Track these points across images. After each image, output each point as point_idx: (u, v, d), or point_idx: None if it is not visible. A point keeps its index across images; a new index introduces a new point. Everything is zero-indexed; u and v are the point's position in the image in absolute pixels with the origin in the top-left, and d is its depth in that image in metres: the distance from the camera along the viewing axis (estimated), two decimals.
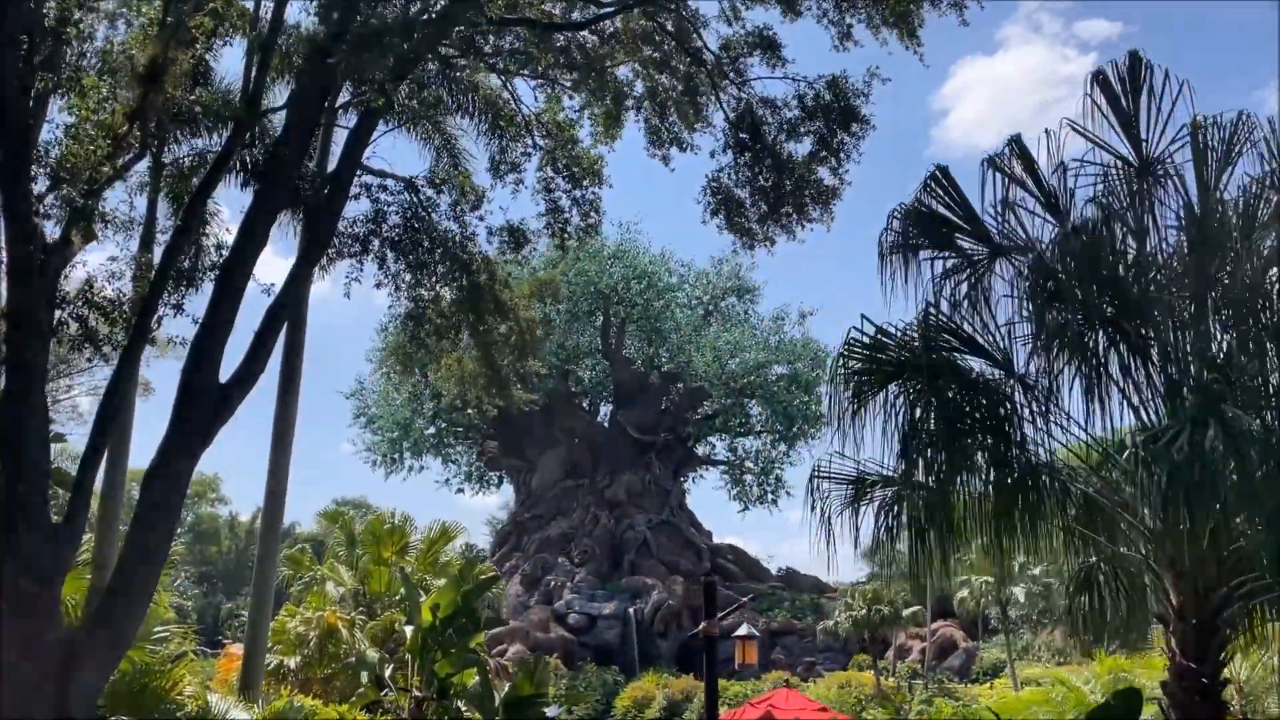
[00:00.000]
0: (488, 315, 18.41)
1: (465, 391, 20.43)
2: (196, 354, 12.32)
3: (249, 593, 68.19)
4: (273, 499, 18.26)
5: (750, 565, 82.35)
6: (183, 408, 12.13)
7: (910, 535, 10.48)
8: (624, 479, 79.70)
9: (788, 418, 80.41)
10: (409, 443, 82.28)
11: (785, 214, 17.39)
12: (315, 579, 22.08)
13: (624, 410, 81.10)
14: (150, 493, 11.74)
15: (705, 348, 78.81)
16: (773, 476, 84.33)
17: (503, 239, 18.33)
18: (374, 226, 16.20)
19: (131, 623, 11.35)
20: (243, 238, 12.77)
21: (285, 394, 18.83)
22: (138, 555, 11.53)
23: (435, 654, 16.33)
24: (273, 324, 12.98)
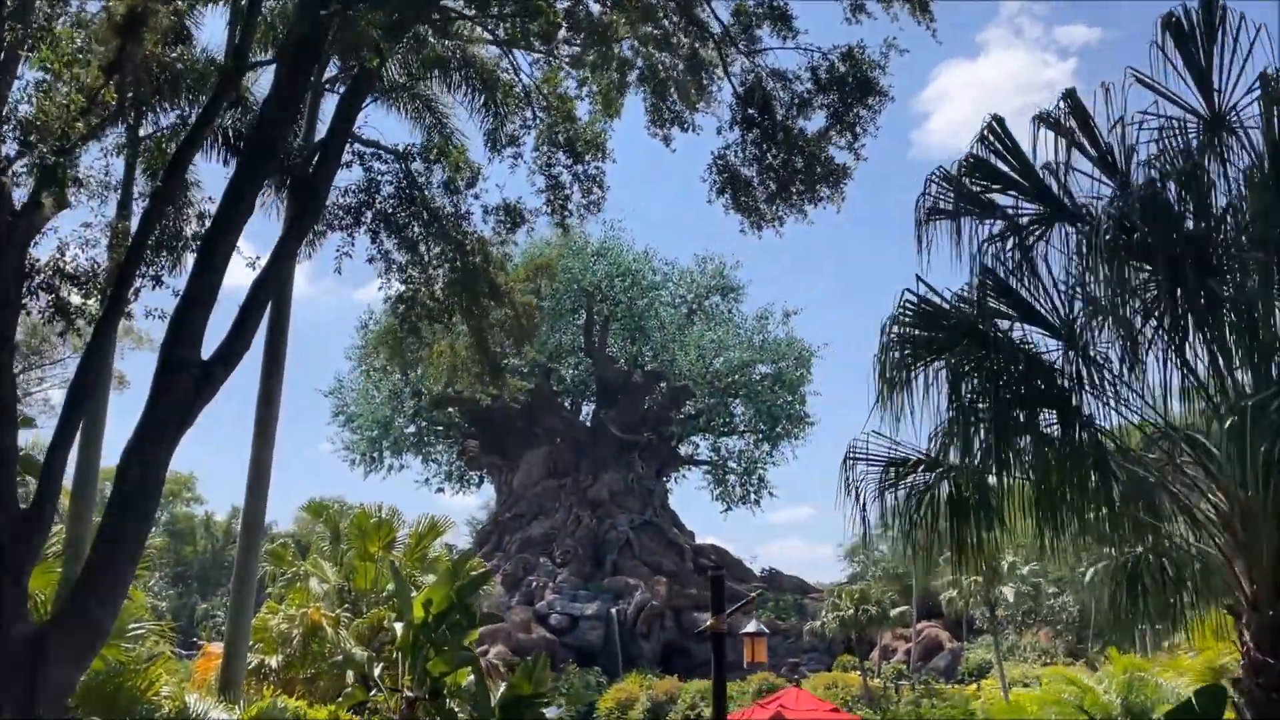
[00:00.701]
0: (483, 298, 17.56)
1: (457, 380, 19.57)
2: (177, 327, 11.43)
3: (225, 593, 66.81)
4: (255, 487, 17.37)
5: (733, 566, 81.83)
6: (162, 385, 11.24)
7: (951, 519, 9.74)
8: (606, 478, 79.11)
9: (771, 417, 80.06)
10: (389, 441, 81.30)
11: (794, 193, 16.66)
12: (298, 575, 21.14)
13: (607, 409, 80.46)
14: (126, 477, 10.84)
15: (690, 346, 78.32)
16: (755, 477, 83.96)
17: (499, 218, 17.51)
18: (366, 197, 15.34)
19: (105, 617, 10.45)
20: (227, 205, 11.89)
21: (269, 376, 17.95)
22: (112, 544, 10.64)
23: (428, 652, 15.46)
24: (259, 296, 12.09)
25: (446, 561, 22.60)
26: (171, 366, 11.26)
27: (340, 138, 13.09)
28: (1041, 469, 9.29)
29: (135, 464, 10.91)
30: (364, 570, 21.32)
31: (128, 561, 10.68)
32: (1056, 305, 8.57)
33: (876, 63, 15.36)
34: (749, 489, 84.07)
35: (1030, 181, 8.63)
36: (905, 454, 9.79)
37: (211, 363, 11.59)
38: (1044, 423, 8.79)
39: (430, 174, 16.44)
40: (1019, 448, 8.94)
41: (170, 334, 11.39)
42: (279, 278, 12.17)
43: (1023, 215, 8.84)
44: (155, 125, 14.43)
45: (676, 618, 70.97)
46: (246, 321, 11.95)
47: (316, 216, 13.13)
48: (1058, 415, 8.61)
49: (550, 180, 16.53)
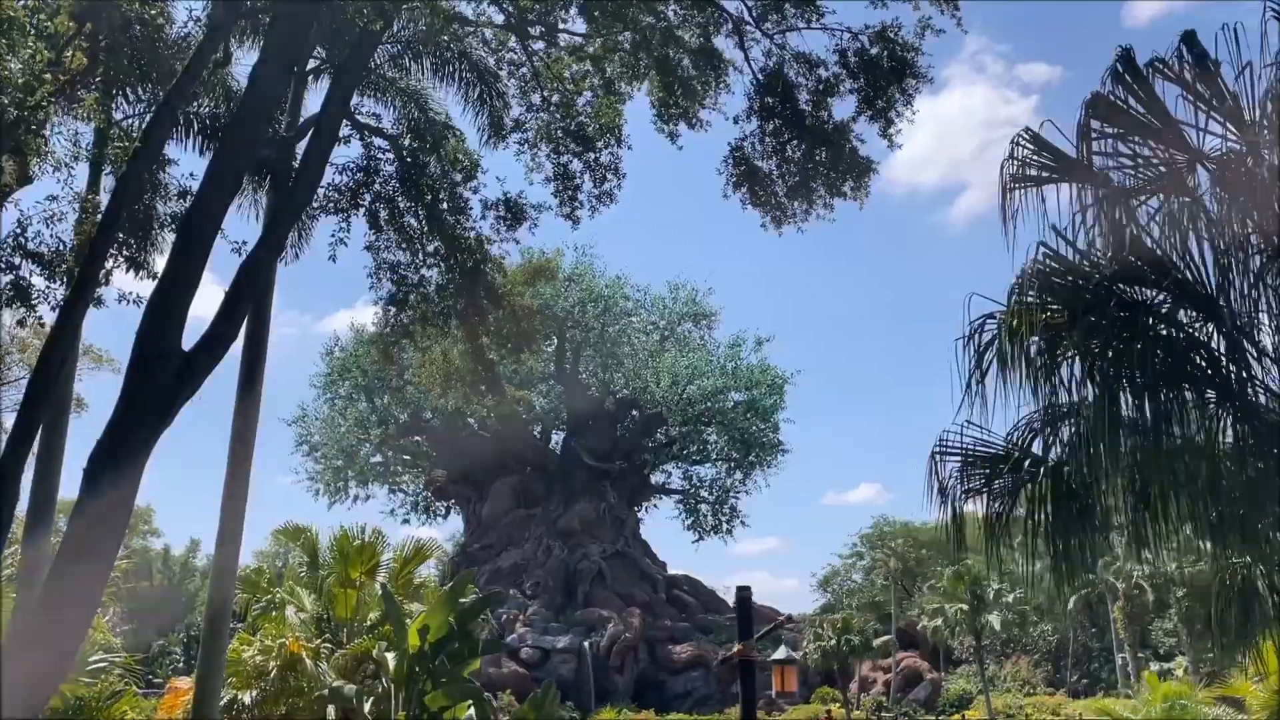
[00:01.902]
0: (481, 299, 16.26)
1: (451, 390, 18.19)
2: (155, 312, 10.03)
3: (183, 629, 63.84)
4: (231, 505, 15.83)
5: (706, 596, 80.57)
6: (137, 377, 9.82)
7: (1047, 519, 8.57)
8: (578, 508, 77.68)
9: (745, 445, 79.19)
10: (354, 470, 79.36)
11: (817, 188, 15.59)
12: (274, 603, 19.48)
13: (578, 437, 79.12)
14: (94, 483, 9.39)
15: (663, 373, 77.36)
16: (727, 506, 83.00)
17: (498, 214, 16.25)
18: (365, 177, 14.03)
19: (68, 646, 8.97)
20: (211, 180, 10.55)
21: (247, 386, 16.46)
22: (78, 562, 9.17)
23: (424, 684, 14.05)
24: (249, 279, 10.70)
25: (434, 588, 21.10)
26: (149, 355, 9.85)
27: (335, 113, 11.77)
28: (1195, 461, 8.12)
29: (106, 468, 9.47)
30: (344, 598, 19.71)
31: (95, 581, 9.22)
32: (1204, 272, 7.43)
33: (911, 44, 14.38)
34: (721, 518, 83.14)
35: (1165, 127, 7.53)
36: (997, 447, 8.64)
37: (194, 352, 10.19)
38: (1193, 405, 7.63)
39: (426, 162, 15.14)
40: (1175, 436, 7.72)
41: (147, 319, 9.98)
42: (271, 262, 10.84)
43: (1164, 165, 7.67)
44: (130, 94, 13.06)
45: (650, 650, 69.47)
46: (234, 306, 10.57)
47: (311, 192, 11.79)
48: (1222, 396, 7.46)
49: (558, 169, 15.32)
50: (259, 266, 10.80)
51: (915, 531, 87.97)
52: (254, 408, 16.64)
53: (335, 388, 79.03)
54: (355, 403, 79.64)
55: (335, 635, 19.40)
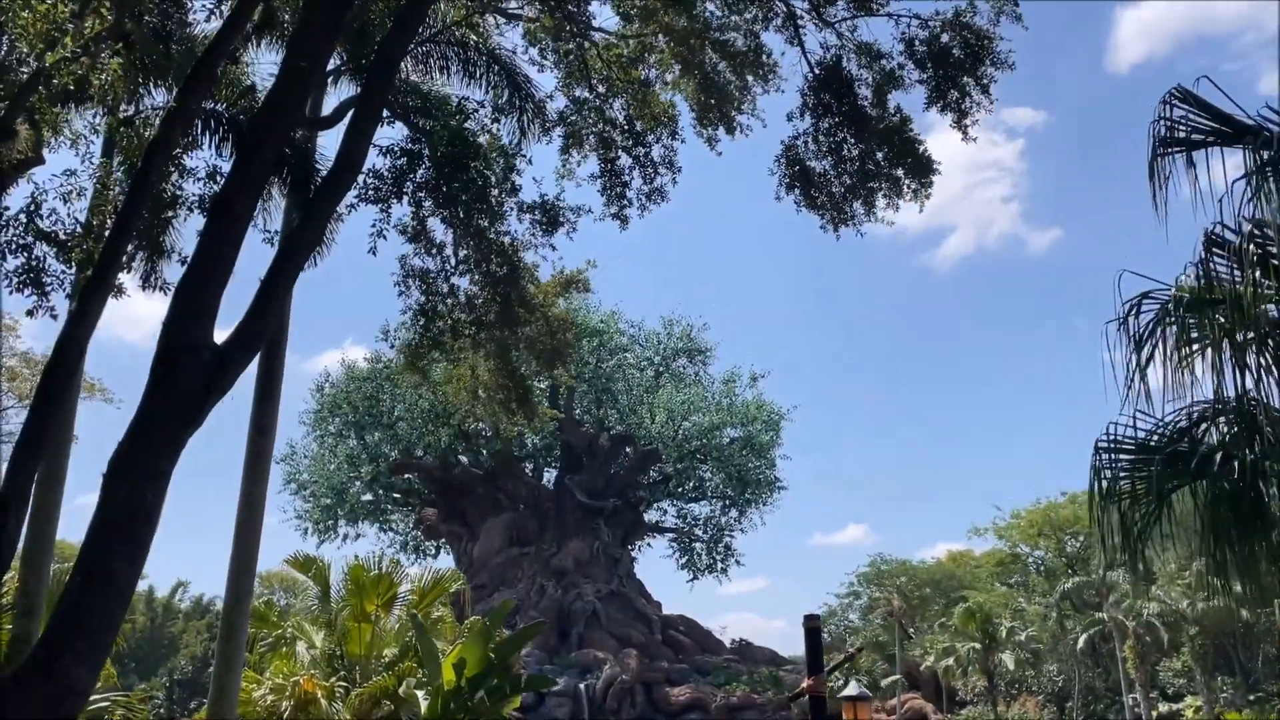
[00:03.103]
0: (517, 308, 15.18)
1: (479, 408, 17.04)
2: (183, 301, 8.90)
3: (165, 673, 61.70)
4: (245, 530, 14.59)
5: (702, 637, 79.14)
6: (162, 374, 8.67)
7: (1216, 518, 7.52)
8: (571, 546, 76.36)
9: (741, 482, 78.18)
10: (344, 509, 77.69)
11: (877, 188, 14.63)
12: (283, 638, 18.13)
13: (572, 474, 77.94)
14: (114, 494, 8.20)
15: (658, 408, 76.40)
16: (722, 544, 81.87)
17: (534, 218, 15.20)
18: (408, 162, 12.97)
19: (83, 676, 7.72)
20: (246, 151, 9.46)
21: (263, 401, 15.29)
22: (95, 582, 7.95)
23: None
24: (287, 266, 9.58)
25: (452, 623, 19.79)
26: (176, 350, 8.70)
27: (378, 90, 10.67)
28: None
29: (126, 477, 8.28)
30: (358, 633, 18.40)
31: (115, 603, 8.00)
32: None
33: (985, 31, 13.50)
34: (715, 557, 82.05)
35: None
36: (1161, 438, 7.58)
37: (228, 347, 9.05)
38: None
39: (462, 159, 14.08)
40: None
41: (175, 309, 8.85)
42: (307, 252, 9.74)
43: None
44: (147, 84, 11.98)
45: (648, 692, 67.97)
46: (268, 300, 9.44)
47: (355, 173, 10.70)
48: None
49: (605, 165, 14.31)
50: (295, 257, 9.70)
51: (913, 570, 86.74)
52: (271, 424, 15.45)
53: (325, 425, 77.56)
54: (345, 439, 78.23)
55: (349, 673, 18.08)
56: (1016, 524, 78.51)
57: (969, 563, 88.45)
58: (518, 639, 13.44)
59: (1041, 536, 75.27)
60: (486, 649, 12.88)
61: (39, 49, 7.84)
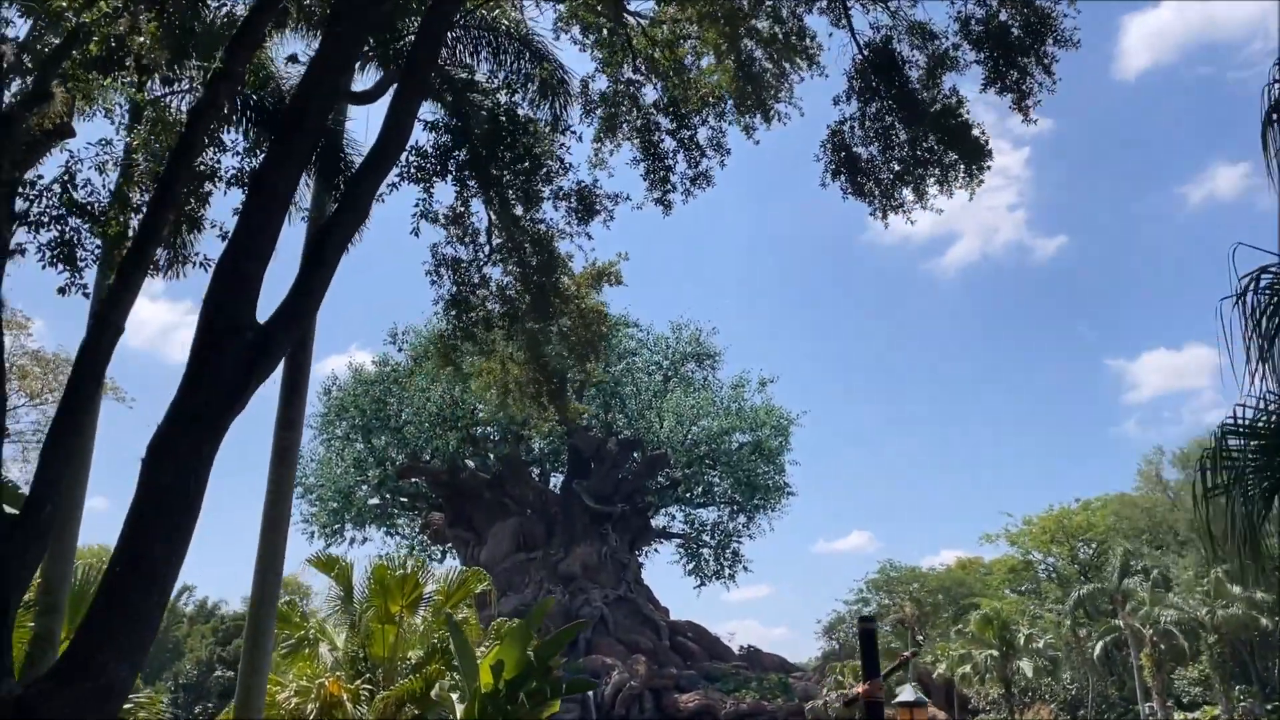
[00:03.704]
0: (554, 298, 14.68)
1: (510, 403, 16.53)
2: (225, 278, 8.39)
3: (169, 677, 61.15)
4: (271, 529, 14.06)
5: (711, 644, 78.60)
6: (204, 353, 8.16)
7: None
8: (579, 552, 75.90)
9: (750, 487, 77.66)
10: (351, 513, 77.17)
11: (928, 174, 14.12)
12: (306, 639, 17.58)
13: (580, 479, 77.44)
14: (156, 477, 7.68)
15: (667, 413, 75.90)
16: (730, 550, 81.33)
17: (570, 205, 14.69)
18: (454, 138, 12.47)
19: (123, 673, 7.19)
20: (291, 119, 8.96)
21: (290, 396, 14.80)
22: (135, 572, 7.42)
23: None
24: (331, 243, 9.06)
25: (476, 624, 19.25)
26: (218, 328, 8.19)
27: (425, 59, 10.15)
28: None
29: (167, 462, 7.76)
30: (382, 634, 17.85)
31: (156, 595, 7.47)
32: None
33: (1046, 8, 12.98)
34: (723, 563, 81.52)
35: None
36: None
37: (271, 325, 8.54)
38: None
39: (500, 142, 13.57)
40: None
41: (216, 287, 8.35)
42: (351, 229, 9.25)
43: None
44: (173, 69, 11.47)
45: (656, 699, 67.43)
46: (312, 278, 8.94)
47: (401, 147, 10.19)
48: None
49: (647, 147, 13.80)
50: (339, 233, 9.20)
51: (922, 577, 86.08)
52: (298, 420, 14.96)
53: (332, 428, 77.09)
54: (352, 443, 77.77)
55: (373, 676, 17.53)
56: (1029, 530, 77.92)
57: (978, 570, 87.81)
58: (558, 640, 12.90)
59: (1054, 543, 74.66)
60: (525, 650, 12.34)
61: (77, 5, 7.37)
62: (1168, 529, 65.67)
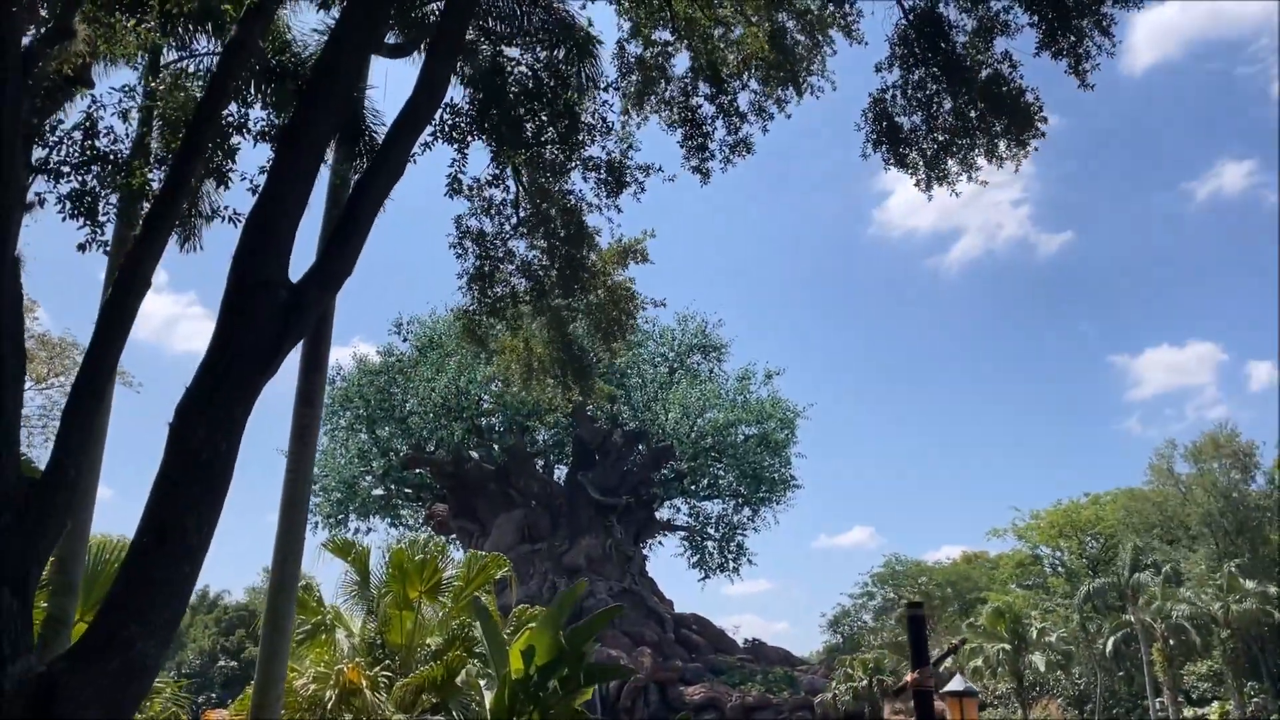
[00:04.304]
0: (583, 274, 14.16)
1: (533, 384, 15.98)
2: (255, 234, 7.87)
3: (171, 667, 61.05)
4: (291, 510, 13.58)
5: (716, 636, 78.33)
6: (234, 314, 7.64)
7: None
8: (584, 543, 75.58)
9: (755, 480, 77.23)
10: (355, 503, 76.79)
11: (976, 143, 13.58)
12: (322, 624, 17.08)
13: (584, 470, 77.03)
14: (185, 442, 7.16)
15: (674, 404, 75.47)
16: (734, 543, 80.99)
17: (599, 177, 14.15)
18: (490, 94, 11.88)
19: (151, 650, 6.67)
20: (325, 69, 8.42)
21: (310, 374, 14.32)
22: (163, 543, 6.91)
23: (530, 716, 11.68)
24: (366, 201, 8.53)
25: (496, 612, 18.73)
26: (249, 283, 7.66)
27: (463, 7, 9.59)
28: None
29: (199, 424, 7.23)
30: (399, 620, 17.36)
31: (187, 567, 6.95)
32: None
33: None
34: (727, 556, 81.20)
35: None
36: None
37: (304, 285, 8.02)
38: None
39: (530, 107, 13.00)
40: None
41: (246, 243, 7.81)
42: (387, 189, 8.73)
43: None
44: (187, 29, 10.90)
45: (661, 691, 67.14)
46: (348, 237, 8.41)
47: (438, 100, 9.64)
48: None
49: (685, 115, 13.25)
50: (374, 190, 8.67)
51: (929, 571, 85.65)
52: (318, 397, 14.47)
53: (336, 418, 76.62)
54: (357, 433, 77.33)
55: (390, 663, 17.05)
56: (1036, 525, 77.44)
57: (984, 564, 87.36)
58: (591, 626, 12.38)
59: (1062, 537, 74.18)
60: (558, 635, 11.83)
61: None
62: (1178, 523, 65.18)
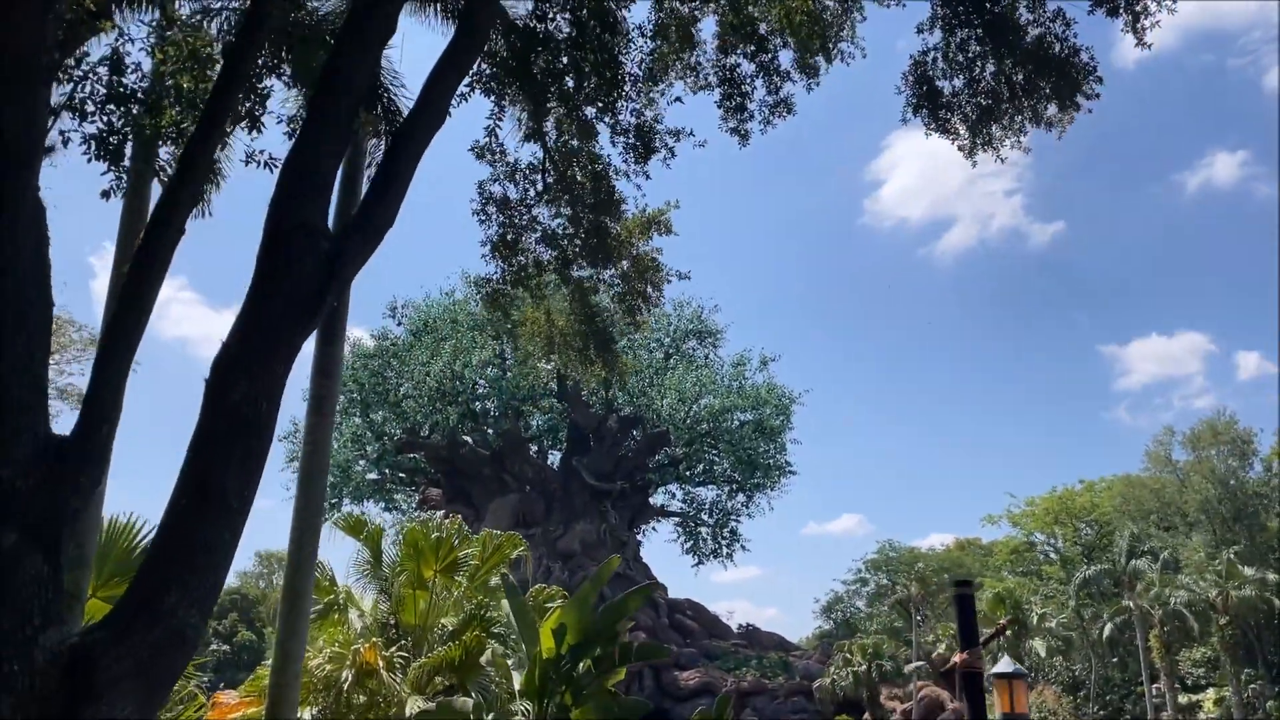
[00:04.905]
0: (610, 241, 13.65)
1: (554, 356, 15.50)
2: (294, 178, 7.34)
3: None
4: (310, 478, 13.06)
5: (710, 622, 78.26)
6: (273, 262, 7.11)
7: None
8: (578, 529, 75.31)
9: (750, 466, 76.95)
10: (349, 487, 76.19)
11: (1022, 107, 13.09)
12: (335, 603, 16.58)
13: (579, 456, 76.64)
14: (224, 398, 6.65)
15: (669, 390, 75.08)
16: (727, 529, 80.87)
17: (628, 141, 13.61)
18: (529, 40, 11.32)
19: (192, 619, 6.18)
20: (360, 18, 7.90)
21: (326, 345, 13.81)
22: (203, 504, 6.40)
23: (562, 696, 11.23)
24: (409, 145, 8.02)
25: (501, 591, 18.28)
26: (287, 229, 7.13)
27: None
28: None
29: (238, 380, 6.72)
30: (413, 601, 16.88)
31: (228, 531, 6.45)
32: None
33: None
34: (720, 542, 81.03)
35: None
36: None
37: (347, 234, 7.51)
38: None
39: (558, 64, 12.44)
40: None
41: (284, 187, 7.28)
42: (433, 124, 8.21)
43: None
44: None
45: (656, 676, 67.00)
46: (390, 184, 7.89)
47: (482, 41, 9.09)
48: None
49: (723, 74, 12.73)
50: (417, 135, 8.16)
51: (922, 557, 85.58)
52: (336, 368, 13.95)
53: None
54: (351, 417, 76.67)
55: (404, 643, 16.56)
56: (1031, 511, 77.41)
57: (977, 550, 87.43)
58: (626, 603, 11.90)
59: (1058, 524, 74.13)
60: (590, 614, 11.36)
61: None
62: (1175, 510, 65.13)
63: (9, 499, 5.76)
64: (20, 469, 5.85)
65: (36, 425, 6.06)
